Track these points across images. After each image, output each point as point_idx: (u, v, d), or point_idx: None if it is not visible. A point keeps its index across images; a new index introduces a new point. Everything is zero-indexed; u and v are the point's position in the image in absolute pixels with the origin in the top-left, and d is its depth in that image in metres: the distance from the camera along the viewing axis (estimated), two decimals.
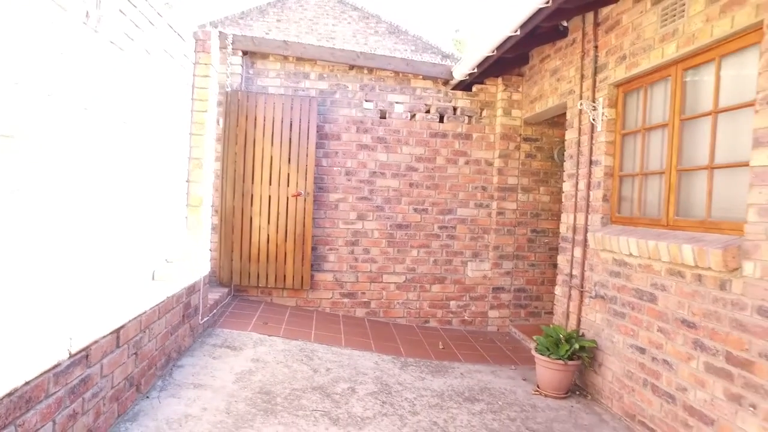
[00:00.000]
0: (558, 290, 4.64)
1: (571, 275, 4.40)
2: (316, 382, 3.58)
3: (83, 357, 2.25)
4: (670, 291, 3.18)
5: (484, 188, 5.78)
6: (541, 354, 3.92)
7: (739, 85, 2.90)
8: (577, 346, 3.81)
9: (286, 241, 5.33)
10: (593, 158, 4.16)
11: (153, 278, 3.35)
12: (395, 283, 5.61)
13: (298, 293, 5.46)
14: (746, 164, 2.74)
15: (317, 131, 5.44)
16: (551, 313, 5.68)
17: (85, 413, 2.29)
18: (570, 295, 4.40)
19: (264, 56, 5.48)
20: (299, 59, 5.51)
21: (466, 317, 5.72)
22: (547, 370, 3.87)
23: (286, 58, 5.49)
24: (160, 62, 3.26)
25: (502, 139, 5.70)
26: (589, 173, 4.18)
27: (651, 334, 3.34)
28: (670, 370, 3.15)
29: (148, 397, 2.99)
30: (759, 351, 2.53)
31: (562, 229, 4.62)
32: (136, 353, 2.82)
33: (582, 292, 4.20)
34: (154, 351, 3.11)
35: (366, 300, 5.57)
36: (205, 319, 4.22)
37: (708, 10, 2.97)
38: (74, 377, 2.18)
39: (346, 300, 5.54)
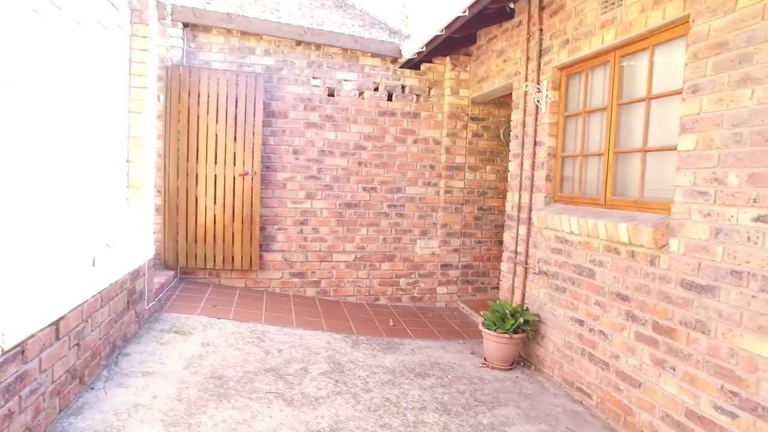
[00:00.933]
0: (503, 266, 4.82)
1: (516, 252, 4.58)
2: (269, 363, 3.58)
3: (18, 353, 2.14)
4: (606, 267, 3.38)
5: (432, 167, 5.86)
6: (488, 329, 4.08)
7: (670, 73, 3.07)
8: (521, 320, 4.00)
9: (233, 221, 5.21)
10: (537, 139, 4.30)
11: (94, 265, 3.20)
12: (345, 261, 5.63)
13: (247, 274, 5.38)
14: (674, 148, 2.92)
15: (264, 109, 5.30)
16: (497, 288, 5.91)
17: (23, 411, 2.18)
18: (515, 272, 4.59)
19: (206, 29, 5.23)
20: (244, 33, 5.30)
21: (415, 294, 5.85)
22: (494, 343, 4.05)
23: (230, 31, 5.27)
24: (92, 34, 3.05)
25: (450, 118, 5.77)
26: (534, 153, 4.33)
27: (589, 307, 3.55)
28: (605, 339, 3.37)
29: (92, 388, 2.89)
30: (680, 319, 2.75)
31: (508, 207, 4.78)
32: (78, 344, 2.71)
33: (526, 268, 4.39)
34: (98, 340, 3.00)
35: (316, 279, 5.58)
36: (151, 304, 4.09)
37: (643, 0, 3.10)
38: (9, 375, 2.07)
39: (296, 280, 5.52)
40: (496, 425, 3.07)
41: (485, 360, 4.16)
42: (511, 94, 5.38)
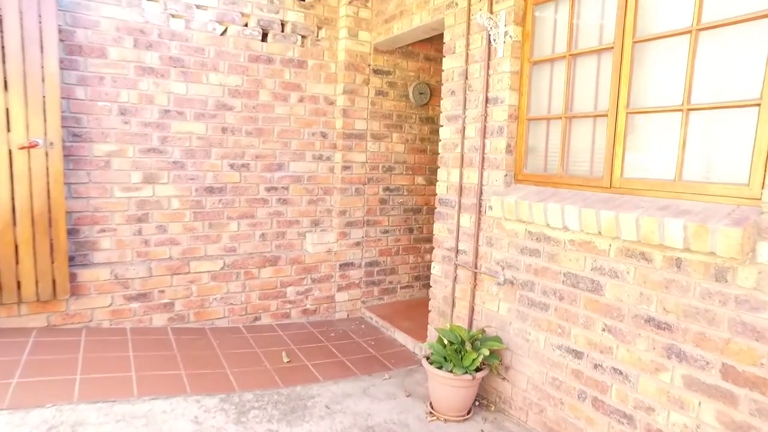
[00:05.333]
0: (437, 269, 3.62)
1: (456, 250, 3.39)
2: None
3: None
4: (625, 279, 2.34)
5: (324, 135, 4.38)
6: (438, 367, 2.86)
7: None
8: (486, 352, 2.83)
9: (15, 224, 3.18)
10: (490, 95, 3.10)
11: None
12: (209, 271, 3.93)
13: (50, 306, 3.40)
14: (754, 103, 1.92)
15: (62, 40, 3.28)
16: (409, 287, 4.74)
17: None
18: (456, 277, 3.41)
19: None
20: None
21: (308, 306, 4.40)
22: (448, 388, 2.84)
23: None
24: None
25: (347, 69, 4.31)
26: (485, 115, 3.12)
27: (592, 334, 2.51)
28: (625, 382, 2.35)
29: None
30: None
31: (440, 189, 3.55)
32: None
33: (476, 273, 3.23)
34: None
35: (167, 301, 3.80)
36: None
37: None
38: None
39: (135, 305, 3.68)
40: None
41: (432, 408, 2.95)
42: (433, 38, 4.13)
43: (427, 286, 4.96)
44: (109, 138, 3.56)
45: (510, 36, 2.94)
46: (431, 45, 4.68)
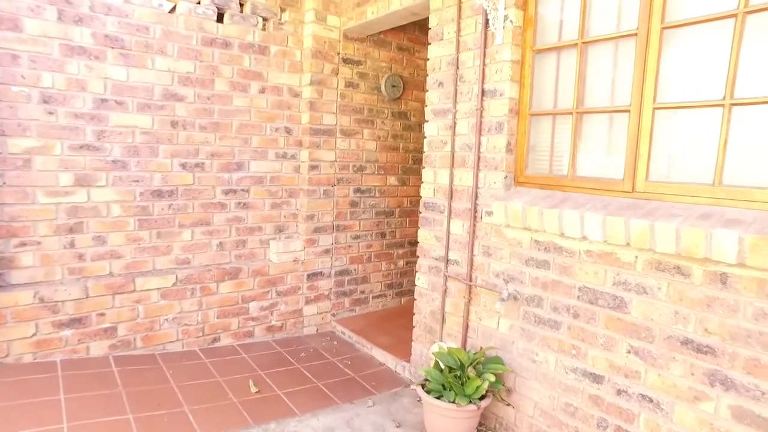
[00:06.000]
0: (422, 280, 3.26)
1: (446, 260, 3.05)
2: None
3: None
4: (656, 295, 2.07)
5: (288, 130, 3.91)
6: (437, 397, 2.50)
7: None
8: (492, 378, 2.51)
9: None
10: (487, 87, 2.77)
11: None
12: (159, 288, 3.38)
13: None
14: None
15: None
16: (382, 296, 4.37)
17: None
18: (446, 290, 3.07)
19: None
20: None
21: (273, 322, 3.92)
22: (449, 420, 2.50)
23: None
24: None
25: (315, 57, 3.86)
26: (480, 109, 2.79)
27: (614, 356, 2.23)
28: (656, 411, 2.09)
29: None
30: None
31: (426, 191, 3.19)
32: None
33: (471, 286, 2.90)
34: None
35: (108, 325, 3.21)
36: None
37: None
38: None
39: (66, 333, 3.08)
40: None
41: None
42: (406, 27, 3.77)
43: (401, 294, 4.61)
44: (30, 131, 2.94)
45: (511, 21, 2.62)
46: (404, 33, 4.31)
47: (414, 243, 4.62)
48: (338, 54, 3.96)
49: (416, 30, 4.37)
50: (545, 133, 2.67)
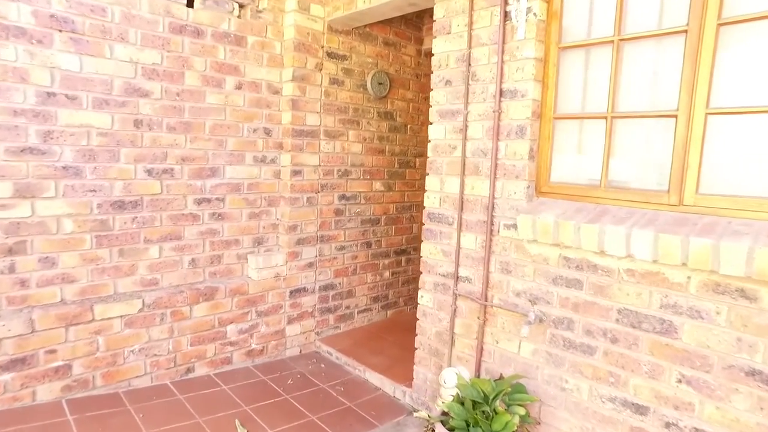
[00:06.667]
0: (425, 298, 2.97)
1: (456, 277, 2.77)
2: None
3: None
4: (714, 320, 1.88)
5: (267, 132, 3.50)
6: None
7: None
8: (522, 411, 2.25)
9: None
10: (505, 86, 2.51)
11: None
12: (123, 315, 2.90)
13: None
14: None
15: None
16: (367, 311, 4.06)
17: None
18: (456, 309, 2.79)
19: None
20: None
21: (254, 345, 3.51)
22: None
23: None
24: None
25: (297, 50, 3.47)
26: (498, 111, 2.52)
27: (661, 386, 2.03)
28: None
29: None
30: None
31: (430, 201, 2.90)
32: None
33: (486, 306, 2.63)
34: None
35: (60, 364, 2.71)
36: None
37: None
38: None
39: (5, 377, 2.55)
40: None
41: None
42: (392, 20, 3.49)
43: (387, 307, 4.31)
44: None
45: (534, 14, 2.36)
46: (390, 27, 3.99)
47: (400, 252, 4.34)
48: (322, 47, 3.59)
49: (402, 24, 4.06)
50: (571, 139, 2.44)
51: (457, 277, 2.78)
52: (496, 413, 2.25)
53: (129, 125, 2.89)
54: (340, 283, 3.95)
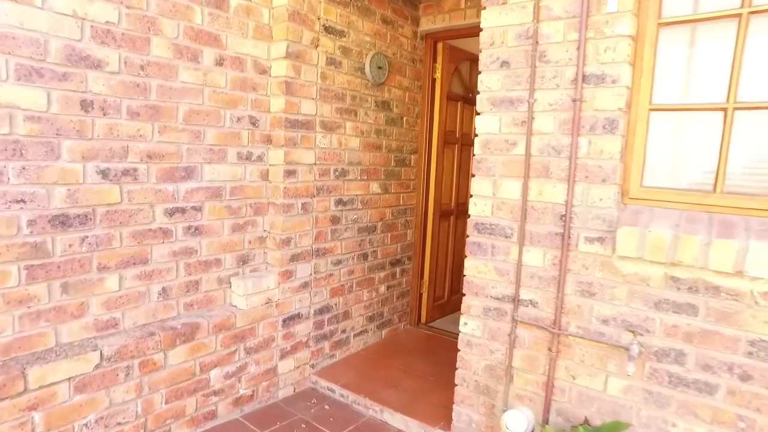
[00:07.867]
0: (472, 326, 2.45)
1: (516, 301, 2.29)
2: None
3: None
4: None
5: (254, 121, 2.78)
6: None
7: None
8: None
9: None
10: (589, 70, 2.05)
11: None
12: (71, 378, 2.07)
13: None
14: None
15: None
16: (363, 333, 3.53)
17: None
18: (516, 338, 2.31)
19: None
20: None
21: (242, 391, 2.78)
22: None
23: None
24: None
25: (292, 20, 2.78)
26: (580, 100, 2.06)
27: None
28: None
29: None
30: None
31: (479, 208, 2.38)
32: None
33: (559, 335, 2.18)
34: None
35: None
36: None
37: None
38: None
39: None
40: None
41: None
42: None
43: (382, 326, 3.75)
44: None
45: None
46: (388, 2, 3.40)
47: (395, 263, 3.79)
48: (319, 19, 2.93)
49: (400, 0, 3.49)
50: (670, 135, 2.04)
51: (518, 301, 2.29)
52: None
53: (74, 107, 2.06)
54: (336, 304, 3.31)
